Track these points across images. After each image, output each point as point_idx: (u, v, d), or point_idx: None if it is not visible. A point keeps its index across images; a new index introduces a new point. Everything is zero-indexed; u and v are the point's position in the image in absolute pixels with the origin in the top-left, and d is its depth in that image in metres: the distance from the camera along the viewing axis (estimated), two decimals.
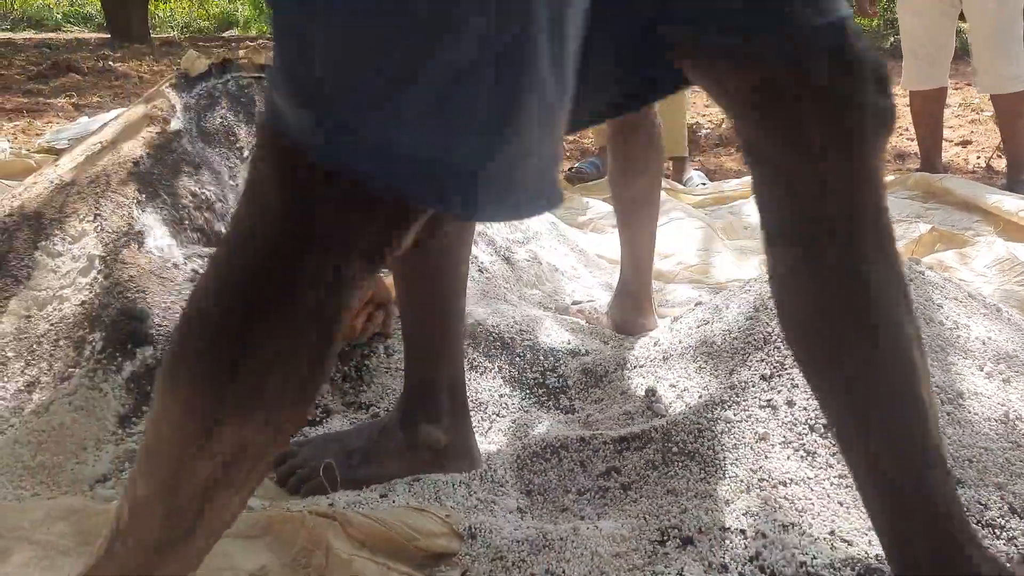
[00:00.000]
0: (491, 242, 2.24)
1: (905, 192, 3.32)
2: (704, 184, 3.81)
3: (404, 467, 1.39)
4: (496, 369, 1.71)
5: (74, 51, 10.11)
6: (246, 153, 2.15)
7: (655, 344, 1.77)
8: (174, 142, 2.01)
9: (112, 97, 6.57)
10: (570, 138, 5.24)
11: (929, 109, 3.76)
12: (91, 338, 1.60)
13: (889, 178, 3.67)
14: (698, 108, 6.15)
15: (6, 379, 1.57)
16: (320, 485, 1.36)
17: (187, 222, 1.94)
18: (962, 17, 3.63)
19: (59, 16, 17.07)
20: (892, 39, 10.67)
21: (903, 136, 5.06)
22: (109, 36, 12.42)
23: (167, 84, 2.15)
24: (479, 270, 2.08)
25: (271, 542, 1.17)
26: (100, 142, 1.98)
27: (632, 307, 1.95)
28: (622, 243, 1.98)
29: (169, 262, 1.80)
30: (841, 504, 1.27)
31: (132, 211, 1.88)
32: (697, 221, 2.90)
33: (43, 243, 1.75)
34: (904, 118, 5.32)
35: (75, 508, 1.25)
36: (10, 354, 1.60)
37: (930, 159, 3.79)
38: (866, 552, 1.19)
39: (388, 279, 1.68)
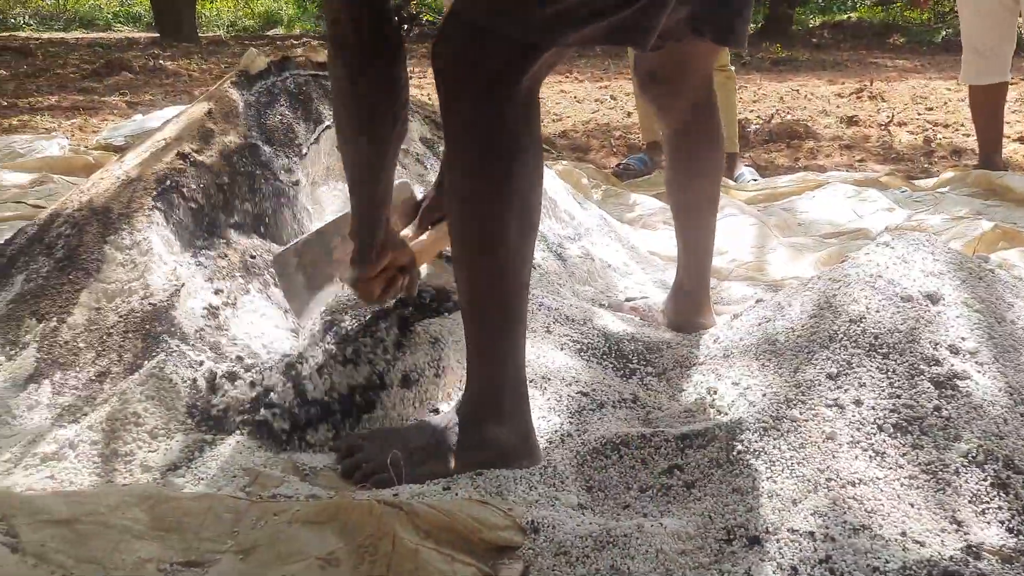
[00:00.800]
0: (543, 238, 2.24)
1: (965, 189, 3.26)
2: (755, 180, 3.78)
3: (466, 467, 1.39)
4: (559, 348, 1.71)
5: (125, 50, 10.31)
6: (304, 150, 2.18)
7: (715, 341, 1.75)
8: (235, 140, 2.03)
9: (163, 95, 6.68)
10: (616, 134, 5.21)
11: (989, 104, 3.68)
12: (159, 330, 1.63)
13: (948, 175, 3.60)
14: (746, 103, 6.08)
15: (78, 369, 1.60)
16: (385, 479, 1.37)
17: (241, 219, 1.97)
18: None
19: (109, 16, 17.42)
20: (943, 33, 10.48)
21: (960, 132, 4.96)
22: (158, 35, 12.64)
23: (228, 82, 2.18)
24: (532, 266, 2.08)
25: (339, 529, 1.19)
26: (164, 139, 2.01)
27: (689, 306, 1.93)
28: (679, 242, 1.96)
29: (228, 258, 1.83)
30: (912, 505, 1.25)
31: (194, 207, 1.91)
32: (750, 218, 2.87)
33: (112, 237, 1.78)
34: (963, 113, 5.22)
35: (149, 494, 1.27)
36: (81, 345, 1.64)
37: (989, 155, 3.71)
38: (940, 553, 1.17)
39: (415, 245, 1.68)
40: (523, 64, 1.29)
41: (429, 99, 3.57)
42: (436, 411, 1.60)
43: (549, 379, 1.65)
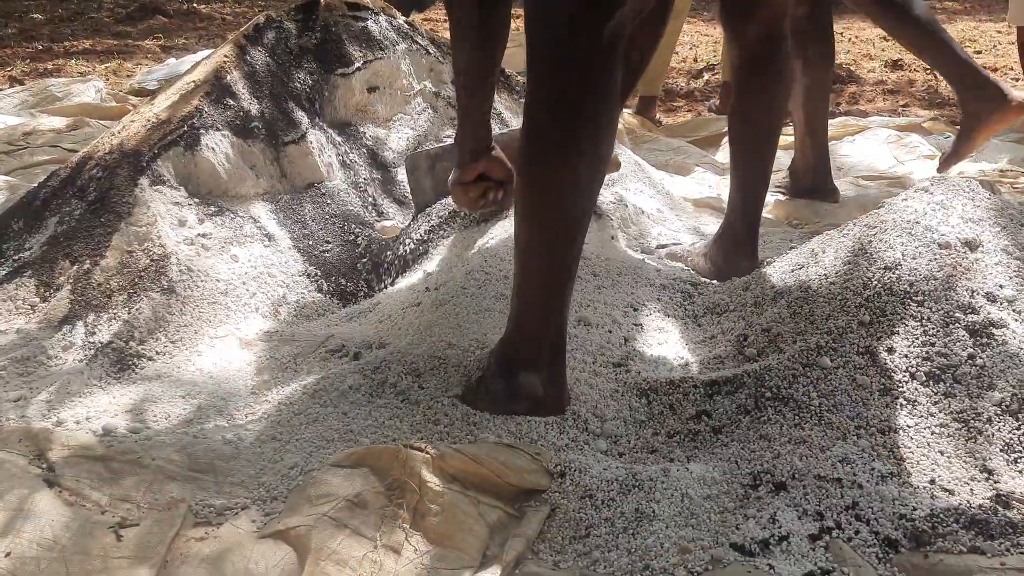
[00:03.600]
0: None
1: (1012, 135, 3.15)
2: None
3: (502, 410, 1.39)
4: (590, 296, 1.70)
5: None
6: (334, 77, 2.16)
7: (746, 288, 1.73)
8: (259, 78, 2.03)
9: (197, 39, 6.67)
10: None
11: None
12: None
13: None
14: None
15: (112, 310, 1.62)
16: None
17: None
18: None
19: None
20: None
21: (1009, 76, 4.80)
22: None
23: (251, 26, 2.17)
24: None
25: (367, 472, 1.20)
26: (193, 82, 2.01)
27: (736, 249, 1.90)
28: (733, 179, 1.94)
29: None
30: (942, 453, 1.24)
31: (224, 146, 1.91)
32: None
33: (142, 180, 1.79)
34: (1012, 56, 5.04)
35: (184, 444, 1.30)
36: (114, 286, 1.66)
37: None
38: (968, 502, 1.16)
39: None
40: (604, 6, 1.27)
41: None
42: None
43: (582, 325, 1.64)
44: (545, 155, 1.31)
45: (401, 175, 2.21)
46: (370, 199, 2.15)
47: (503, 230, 1.85)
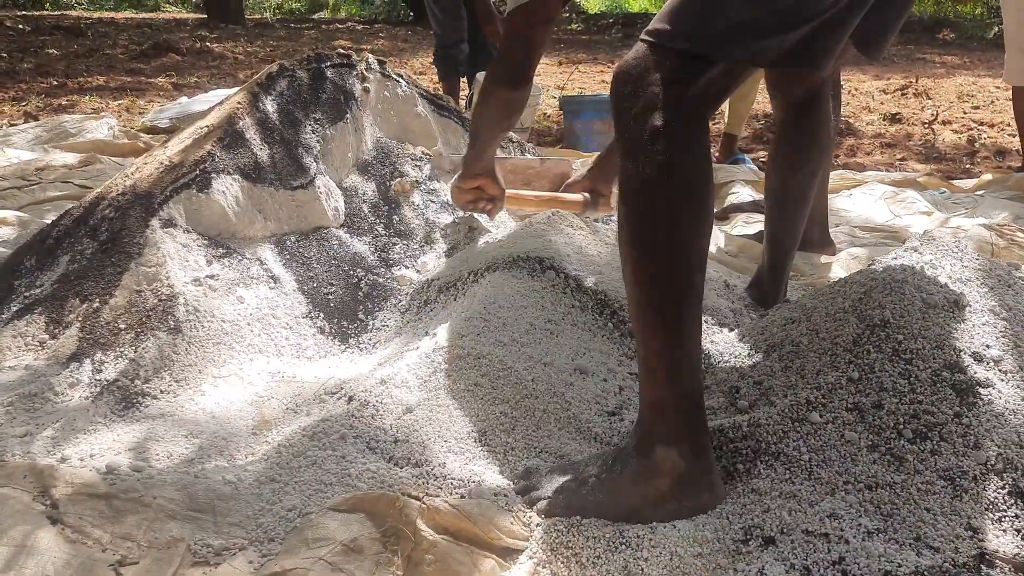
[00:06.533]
0: (595, 231, 2.26)
1: (1006, 192, 3.21)
2: (751, 168, 3.79)
3: (640, 496, 1.30)
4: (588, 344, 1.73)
5: (173, 31, 10.46)
6: (328, 144, 2.22)
7: (740, 340, 1.76)
8: (269, 127, 2.08)
9: (209, 77, 6.78)
10: None
11: None
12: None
13: (987, 177, 3.55)
14: None
15: (119, 348, 1.66)
16: (550, 505, 1.32)
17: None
18: None
19: None
20: (996, 28, 10.24)
21: (1005, 132, 4.87)
22: (205, 17, 12.80)
23: (265, 74, 2.23)
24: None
25: (364, 518, 1.23)
26: (206, 126, 2.07)
27: (761, 299, 2.02)
28: (767, 233, 2.02)
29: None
30: (928, 511, 1.26)
31: (234, 190, 1.96)
32: None
33: (153, 221, 1.84)
34: (1009, 112, 5.11)
35: (185, 484, 1.32)
36: (122, 325, 1.69)
37: None
38: (953, 560, 1.18)
39: (515, 191, 2.29)
40: (690, 78, 1.27)
41: None
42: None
43: (578, 373, 1.67)
44: (651, 223, 1.28)
45: (405, 216, 2.31)
46: (375, 244, 2.20)
47: (500, 281, 1.89)
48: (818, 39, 1.37)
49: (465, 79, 4.82)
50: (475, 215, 2.31)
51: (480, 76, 4.81)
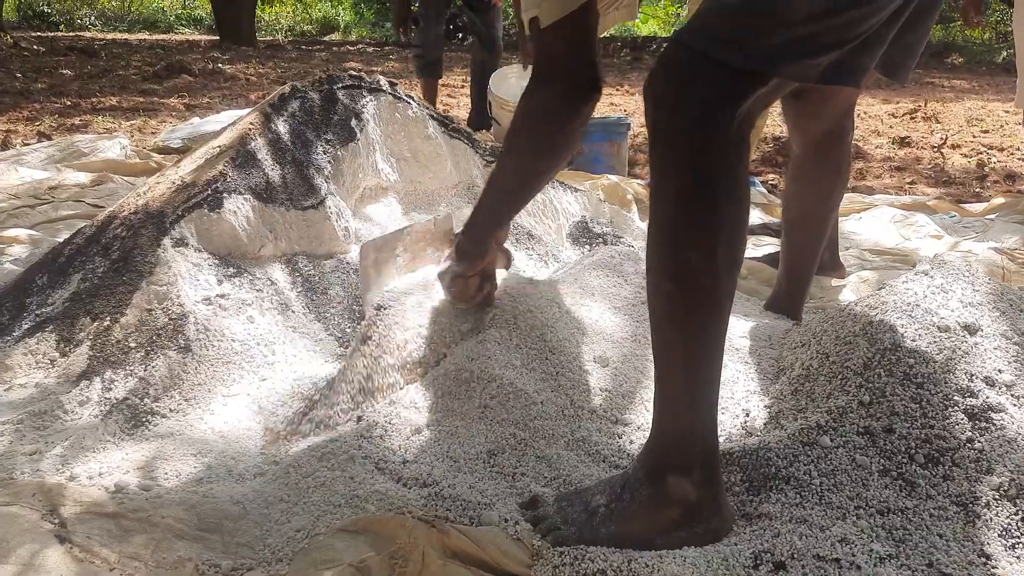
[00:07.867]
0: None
1: (1016, 216, 3.20)
2: (762, 191, 3.78)
3: (650, 525, 1.27)
4: (592, 364, 1.73)
5: (185, 53, 10.56)
6: (340, 165, 2.23)
7: (749, 364, 1.76)
8: (281, 147, 2.09)
9: (221, 98, 6.83)
10: None
11: None
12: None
13: (998, 200, 3.54)
14: None
15: (129, 366, 1.66)
16: (563, 535, 1.29)
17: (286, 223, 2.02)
18: None
19: (172, 18, 17.85)
20: (1005, 53, 10.27)
21: (1015, 156, 4.87)
22: (218, 38, 12.93)
23: (277, 95, 2.25)
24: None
25: (372, 539, 1.22)
26: (219, 147, 2.08)
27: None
28: (782, 263, 2.04)
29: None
30: (940, 536, 1.25)
31: (245, 210, 1.97)
32: None
33: (165, 240, 1.85)
34: (1019, 136, 5.11)
35: (193, 503, 1.32)
36: (132, 344, 1.70)
37: None
38: None
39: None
40: (739, 94, 1.20)
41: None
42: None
43: (583, 394, 1.67)
44: (673, 246, 1.22)
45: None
46: None
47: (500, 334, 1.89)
48: (858, 55, 1.36)
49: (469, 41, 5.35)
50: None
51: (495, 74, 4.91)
